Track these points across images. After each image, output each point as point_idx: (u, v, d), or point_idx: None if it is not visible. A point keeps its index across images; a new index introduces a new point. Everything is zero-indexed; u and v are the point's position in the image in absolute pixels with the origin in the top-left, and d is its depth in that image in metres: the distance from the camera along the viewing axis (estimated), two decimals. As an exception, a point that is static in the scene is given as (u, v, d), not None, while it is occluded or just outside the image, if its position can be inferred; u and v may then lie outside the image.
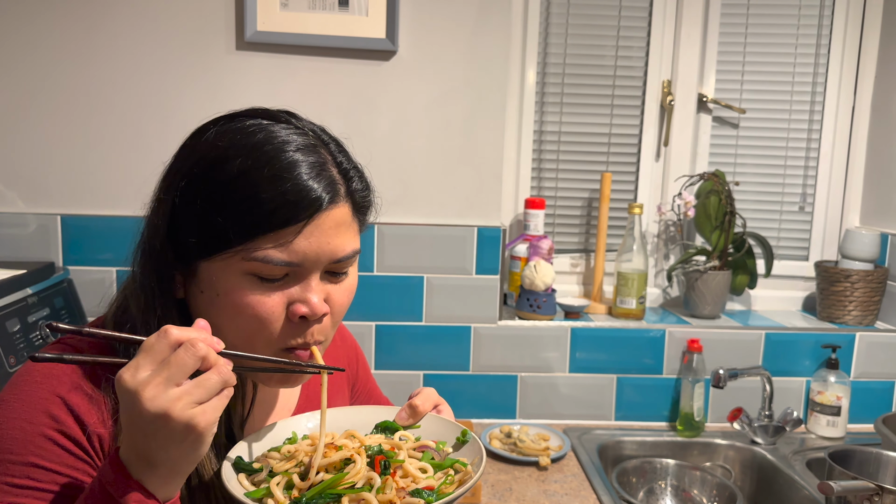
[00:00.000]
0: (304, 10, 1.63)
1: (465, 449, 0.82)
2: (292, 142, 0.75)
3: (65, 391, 0.72)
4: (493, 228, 1.76)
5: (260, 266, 0.72)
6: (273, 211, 0.71)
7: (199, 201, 0.73)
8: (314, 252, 0.74)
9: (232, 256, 0.72)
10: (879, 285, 1.89)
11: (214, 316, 0.74)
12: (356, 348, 1.12)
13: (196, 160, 0.75)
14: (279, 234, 0.72)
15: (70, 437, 0.71)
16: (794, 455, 1.70)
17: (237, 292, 0.73)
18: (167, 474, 0.64)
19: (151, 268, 0.76)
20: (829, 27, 1.97)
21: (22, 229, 1.64)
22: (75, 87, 1.63)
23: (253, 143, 0.73)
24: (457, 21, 1.69)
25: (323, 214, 0.73)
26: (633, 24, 1.95)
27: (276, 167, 0.72)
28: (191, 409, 0.61)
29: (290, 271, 0.74)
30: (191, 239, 0.73)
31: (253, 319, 0.74)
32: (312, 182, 0.73)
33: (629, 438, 1.77)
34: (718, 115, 2.01)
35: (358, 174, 0.80)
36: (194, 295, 0.77)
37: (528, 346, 1.81)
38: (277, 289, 0.74)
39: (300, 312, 0.75)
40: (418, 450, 0.80)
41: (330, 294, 0.78)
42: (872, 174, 2.00)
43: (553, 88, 1.96)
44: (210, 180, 0.73)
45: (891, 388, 1.89)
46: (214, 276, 0.74)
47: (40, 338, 1.41)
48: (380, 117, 1.71)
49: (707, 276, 1.88)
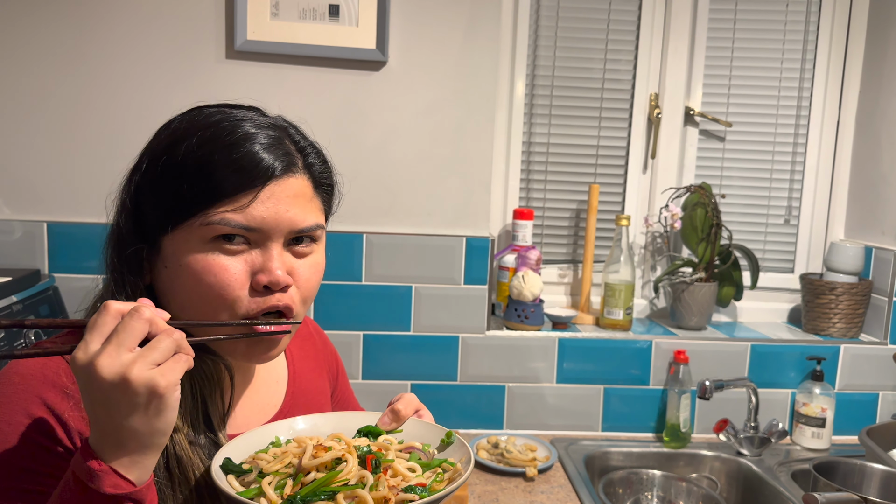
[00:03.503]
0: (295, 19, 1.64)
1: (450, 450, 0.82)
2: (250, 119, 0.78)
3: (43, 390, 0.72)
4: (481, 239, 1.76)
5: (219, 229, 0.74)
6: (229, 177, 0.73)
7: (158, 175, 0.75)
8: (272, 218, 0.75)
9: (192, 225, 0.74)
10: (864, 298, 1.91)
11: (179, 289, 0.76)
12: (336, 355, 1.13)
13: (158, 143, 0.78)
14: (236, 200, 0.74)
15: (50, 437, 0.71)
16: (779, 466, 1.70)
17: (200, 260, 0.74)
18: (137, 450, 0.63)
19: (119, 252, 0.78)
20: (815, 42, 2.00)
21: (7, 236, 1.63)
22: (63, 94, 1.62)
23: (212, 122, 0.77)
24: (447, 32, 1.70)
25: (279, 181, 0.76)
26: (621, 37, 1.97)
27: (233, 138, 0.75)
28: (148, 369, 0.61)
29: (251, 238, 0.76)
30: (153, 212, 0.76)
31: (216, 286, 0.75)
32: (267, 151, 0.76)
33: (616, 449, 1.77)
34: (705, 128, 2.02)
35: (315, 150, 0.83)
36: (160, 273, 0.78)
37: (516, 356, 1.81)
38: (240, 256, 0.76)
39: (263, 281, 0.76)
40: (405, 451, 0.80)
41: (294, 268, 0.79)
42: (857, 188, 2.02)
43: (542, 100, 1.97)
44: (170, 155, 0.75)
45: (875, 400, 1.90)
46: (178, 249, 0.75)
47: (25, 345, 1.39)
48: (369, 127, 1.71)
49: (693, 288, 1.89)
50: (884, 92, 1.92)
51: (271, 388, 0.94)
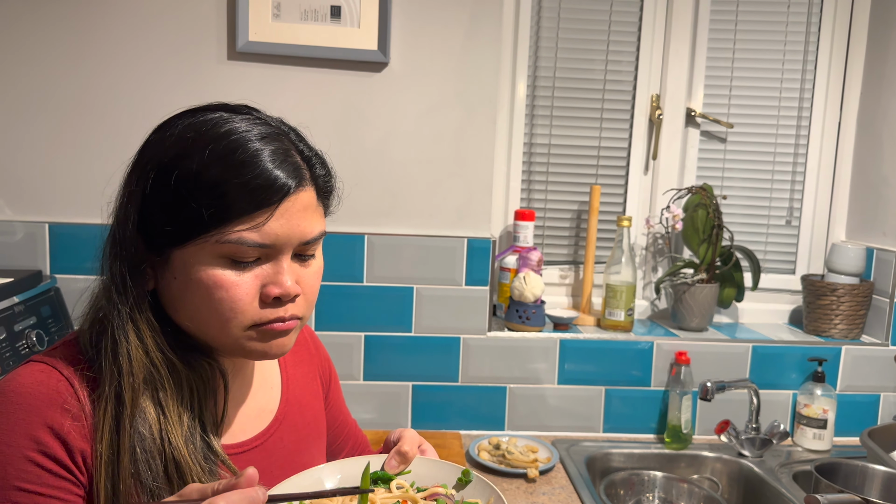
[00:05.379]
0: (297, 20, 1.64)
1: (471, 489, 0.81)
2: (255, 131, 0.77)
3: (44, 410, 0.72)
4: (482, 240, 1.76)
5: (234, 248, 0.74)
6: (245, 195, 0.74)
7: (170, 190, 0.74)
8: (285, 234, 0.76)
9: (206, 241, 0.74)
10: (865, 299, 1.90)
11: (189, 301, 0.77)
12: (329, 361, 1.13)
13: (164, 151, 0.76)
14: (252, 218, 0.74)
15: (51, 457, 0.71)
16: (780, 468, 1.70)
17: (212, 276, 0.75)
18: None
19: (123, 259, 0.77)
20: (816, 44, 2.00)
21: (9, 237, 1.63)
22: (65, 95, 1.62)
23: (219, 134, 0.76)
24: (448, 34, 1.70)
25: (292, 198, 0.76)
26: (623, 38, 1.97)
27: (245, 155, 0.75)
28: None
29: (263, 254, 0.77)
30: (165, 227, 0.75)
31: (227, 301, 0.75)
32: (280, 167, 0.76)
33: (617, 450, 1.77)
34: (706, 129, 2.02)
35: (319, 160, 0.83)
36: (168, 283, 0.78)
37: (517, 357, 1.81)
38: (250, 271, 0.76)
39: (273, 293, 0.77)
40: (429, 499, 0.79)
41: (301, 276, 0.80)
42: (858, 189, 2.02)
43: (543, 101, 1.97)
44: (180, 169, 0.74)
45: (876, 401, 1.90)
46: (188, 262, 0.75)
47: (26, 346, 1.39)
48: (371, 128, 1.71)
49: (695, 289, 1.89)
50: (885, 93, 1.92)
51: (266, 393, 0.94)
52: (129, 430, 0.74)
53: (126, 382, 0.74)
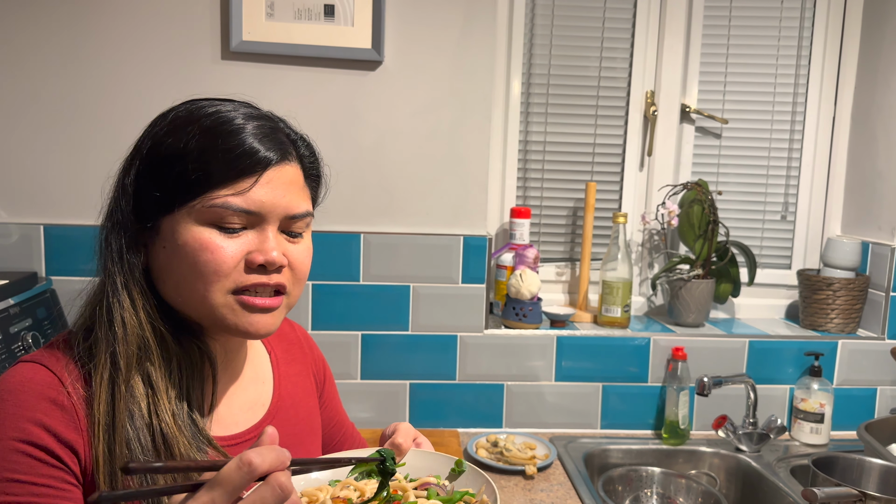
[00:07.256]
0: (290, 19, 1.64)
1: (464, 479, 0.81)
2: (243, 110, 0.82)
3: (33, 404, 0.74)
4: (478, 237, 1.76)
5: (220, 212, 0.77)
6: (231, 161, 0.77)
7: (162, 158, 0.78)
8: (270, 202, 0.79)
9: (193, 206, 0.77)
10: (861, 293, 1.91)
11: (176, 267, 0.79)
12: (323, 360, 1.13)
13: (158, 131, 0.81)
14: (237, 184, 0.77)
15: (41, 448, 0.72)
16: (778, 462, 1.71)
17: (198, 239, 0.77)
18: None
19: (118, 230, 0.80)
20: (810, 39, 2.00)
21: (4, 239, 1.63)
22: (59, 96, 1.62)
23: (211, 112, 0.81)
24: (442, 32, 1.70)
25: (277, 168, 0.80)
26: (617, 35, 1.97)
27: (232, 126, 0.79)
28: None
29: (248, 221, 0.79)
30: (154, 193, 0.78)
31: (212, 262, 0.77)
32: (264, 140, 0.80)
33: (615, 447, 1.77)
34: (701, 125, 2.03)
35: (305, 143, 0.87)
36: (157, 253, 0.81)
37: (514, 354, 1.81)
38: (237, 238, 0.79)
39: (258, 261, 0.79)
40: (421, 488, 0.79)
41: (287, 251, 0.82)
42: (853, 183, 2.02)
43: (538, 99, 1.97)
44: (174, 140, 0.78)
45: (873, 395, 1.90)
46: (176, 229, 0.78)
47: (22, 348, 1.39)
48: (366, 127, 1.71)
49: (691, 285, 1.89)
50: (879, 87, 1.93)
51: (258, 387, 0.95)
52: (124, 394, 0.76)
53: (121, 349, 0.77)
